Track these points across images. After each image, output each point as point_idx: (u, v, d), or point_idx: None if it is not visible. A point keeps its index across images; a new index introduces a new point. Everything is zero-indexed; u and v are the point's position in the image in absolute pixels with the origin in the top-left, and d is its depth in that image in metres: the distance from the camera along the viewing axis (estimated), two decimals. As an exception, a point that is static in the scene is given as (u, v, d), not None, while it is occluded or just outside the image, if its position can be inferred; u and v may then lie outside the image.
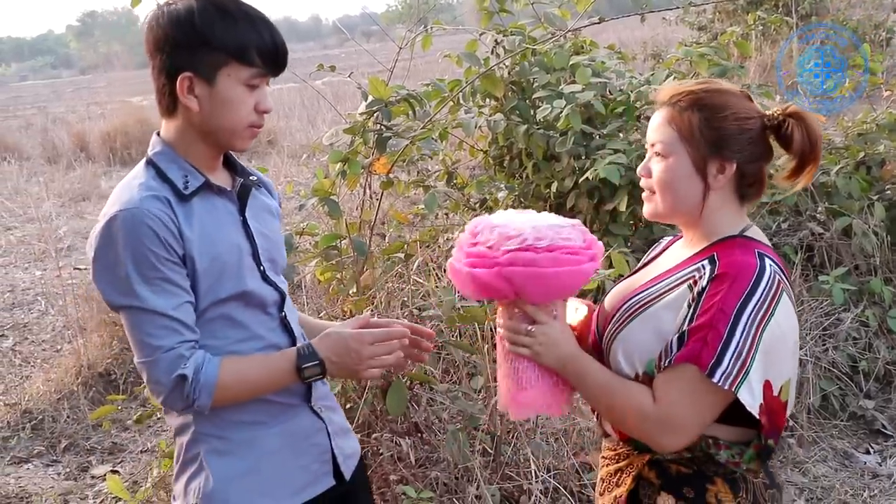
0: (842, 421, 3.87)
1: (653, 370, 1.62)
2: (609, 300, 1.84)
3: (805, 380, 3.78)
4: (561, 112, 4.00)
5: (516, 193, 4.46)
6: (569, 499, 3.00)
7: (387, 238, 3.80)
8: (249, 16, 1.67)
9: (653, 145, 1.69)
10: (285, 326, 1.85)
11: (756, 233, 1.69)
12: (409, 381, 3.01)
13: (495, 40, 4.24)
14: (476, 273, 1.66)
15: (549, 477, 3.05)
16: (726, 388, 1.51)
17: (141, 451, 4.03)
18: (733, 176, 1.65)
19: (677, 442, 1.60)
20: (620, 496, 1.72)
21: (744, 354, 1.51)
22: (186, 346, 1.63)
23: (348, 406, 3.09)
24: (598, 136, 4.17)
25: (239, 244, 1.75)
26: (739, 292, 1.53)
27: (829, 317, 3.96)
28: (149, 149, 1.75)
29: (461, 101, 4.19)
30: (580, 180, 3.94)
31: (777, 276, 1.56)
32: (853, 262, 4.26)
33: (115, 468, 3.92)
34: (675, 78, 4.12)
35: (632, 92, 4.19)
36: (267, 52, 1.67)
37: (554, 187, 4.23)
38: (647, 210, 1.74)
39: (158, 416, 4.04)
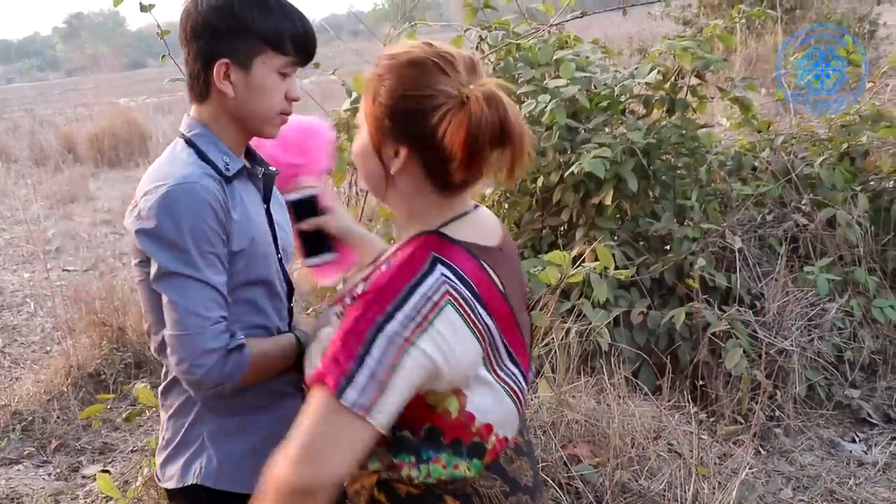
0: (828, 410, 3.90)
1: None
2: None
3: (791, 370, 3.81)
4: (546, 107, 4.01)
5: (502, 188, 4.47)
6: (557, 490, 3.02)
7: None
8: (283, 5, 1.71)
9: None
10: (291, 317, 1.91)
11: (464, 225, 1.46)
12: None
13: (479, 36, 4.25)
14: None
15: (538, 469, 3.06)
16: (360, 414, 1.29)
17: (131, 451, 4.04)
18: (415, 162, 1.41)
19: (316, 474, 1.31)
20: None
21: (380, 376, 1.29)
22: (225, 324, 1.65)
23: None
24: (583, 131, 4.19)
25: (266, 230, 1.81)
26: (384, 304, 1.31)
27: (814, 307, 3.98)
28: (183, 128, 1.77)
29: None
30: (566, 174, 3.96)
31: (444, 289, 1.33)
32: (837, 253, 4.29)
33: (106, 468, 3.92)
34: (658, 71, 4.14)
35: (616, 86, 4.21)
36: (300, 41, 1.72)
37: (540, 182, 4.25)
38: None
39: (147, 414, 4.05)
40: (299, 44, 1.72)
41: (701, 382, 3.75)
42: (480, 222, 1.51)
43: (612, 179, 3.92)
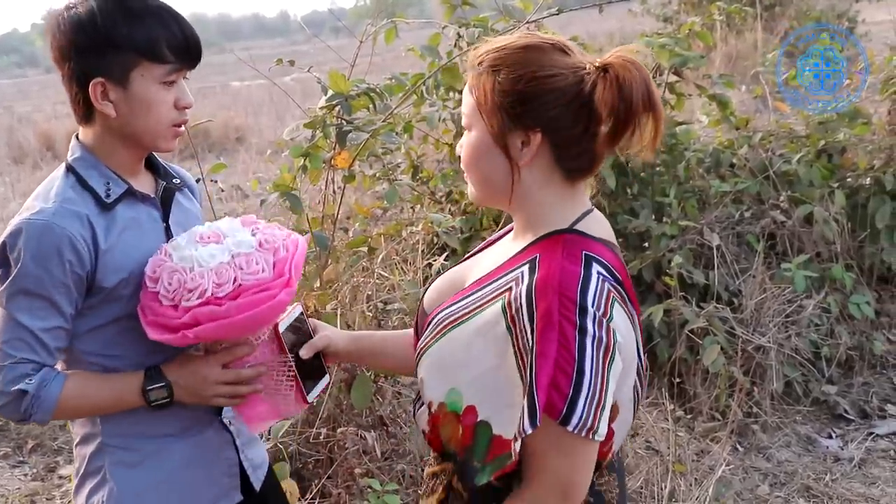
0: (805, 406, 3.92)
1: (455, 403, 1.38)
2: (430, 296, 1.61)
3: (768, 366, 3.82)
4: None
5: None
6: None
7: (350, 232, 3.80)
8: (154, 10, 1.59)
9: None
10: None
11: (593, 223, 1.43)
12: (373, 375, 3.01)
13: (457, 33, 4.23)
14: (165, 339, 1.56)
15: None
16: (583, 435, 1.27)
17: (108, 451, 4.01)
18: (546, 148, 1.37)
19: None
20: None
21: (598, 394, 1.27)
22: (33, 367, 1.57)
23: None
24: (561, 128, 4.18)
25: None
26: (571, 315, 1.26)
27: (792, 304, 4.00)
28: (68, 154, 1.68)
29: (425, 95, 4.18)
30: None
31: (606, 285, 1.31)
32: (815, 250, 4.31)
33: (82, 468, 3.89)
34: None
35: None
36: (177, 45, 1.60)
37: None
38: (469, 195, 1.50)
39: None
40: (178, 48, 1.60)
41: (678, 379, 3.76)
42: (604, 221, 1.47)
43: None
